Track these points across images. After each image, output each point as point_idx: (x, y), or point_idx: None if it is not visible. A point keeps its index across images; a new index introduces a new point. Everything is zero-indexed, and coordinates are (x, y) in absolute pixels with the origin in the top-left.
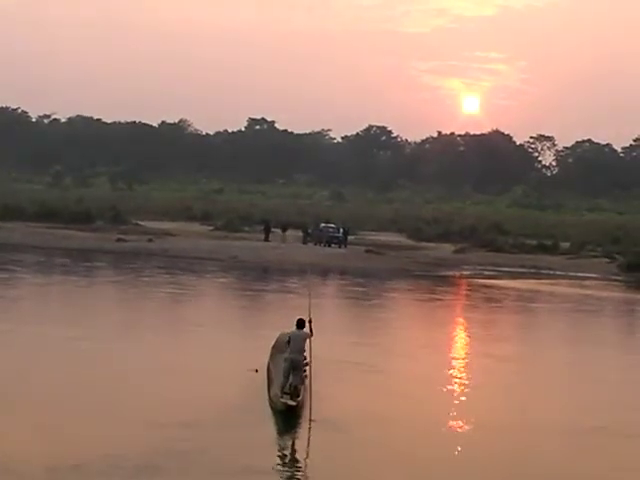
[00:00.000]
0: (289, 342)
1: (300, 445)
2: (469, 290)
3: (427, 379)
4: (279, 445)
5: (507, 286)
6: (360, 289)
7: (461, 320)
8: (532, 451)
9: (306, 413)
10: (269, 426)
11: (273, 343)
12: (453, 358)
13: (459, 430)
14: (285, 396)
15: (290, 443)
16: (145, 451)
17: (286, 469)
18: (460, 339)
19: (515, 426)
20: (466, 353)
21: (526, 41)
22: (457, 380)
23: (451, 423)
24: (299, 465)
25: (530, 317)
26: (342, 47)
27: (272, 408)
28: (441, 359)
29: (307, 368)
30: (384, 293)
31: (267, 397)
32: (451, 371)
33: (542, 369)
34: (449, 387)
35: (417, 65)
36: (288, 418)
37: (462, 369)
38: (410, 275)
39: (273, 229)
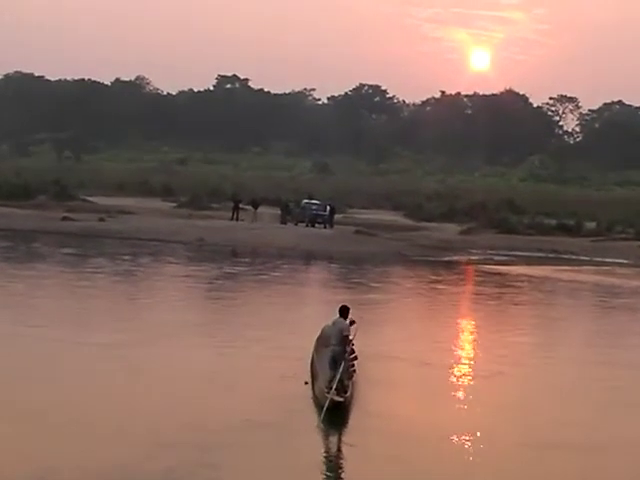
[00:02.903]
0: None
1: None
2: (477, 279)
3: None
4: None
5: (522, 273)
6: (348, 278)
7: (469, 322)
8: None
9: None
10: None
11: (318, 335)
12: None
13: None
14: (331, 392)
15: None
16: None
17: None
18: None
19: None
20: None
21: None
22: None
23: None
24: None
25: (548, 314)
26: None
27: (317, 405)
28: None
29: (355, 362)
30: (374, 284)
31: (311, 393)
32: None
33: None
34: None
35: (416, 12)
36: (334, 415)
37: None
38: (407, 260)
39: (244, 206)
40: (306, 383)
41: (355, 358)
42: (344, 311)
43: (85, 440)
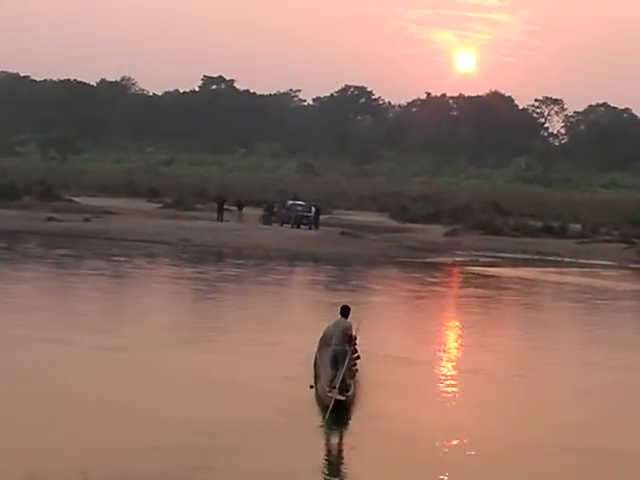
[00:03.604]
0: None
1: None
2: (462, 280)
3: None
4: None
5: (507, 275)
6: (332, 279)
7: (454, 324)
8: None
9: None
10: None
11: (321, 335)
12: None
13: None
14: (333, 390)
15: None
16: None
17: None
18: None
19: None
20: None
21: None
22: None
23: None
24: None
25: (535, 316)
26: None
27: (320, 404)
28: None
29: (357, 362)
30: (360, 285)
31: (314, 393)
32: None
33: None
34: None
35: (402, 14)
36: (336, 415)
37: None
38: (393, 262)
39: (229, 207)
40: (311, 387)
41: (357, 357)
42: (345, 311)
43: (79, 442)
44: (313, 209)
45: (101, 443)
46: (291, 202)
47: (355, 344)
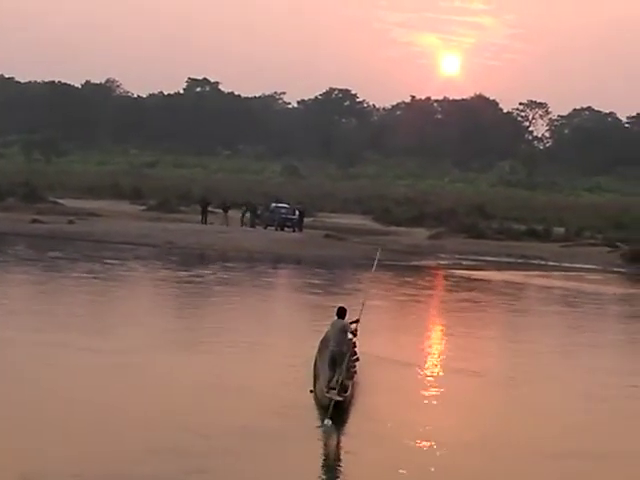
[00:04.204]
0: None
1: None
2: (446, 283)
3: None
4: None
5: (491, 279)
6: (316, 282)
7: (440, 327)
8: None
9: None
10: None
11: (321, 338)
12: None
13: None
14: (331, 391)
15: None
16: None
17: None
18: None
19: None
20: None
21: None
22: None
23: None
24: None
25: (521, 319)
26: None
27: (318, 405)
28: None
29: (356, 364)
30: (349, 288)
31: (313, 395)
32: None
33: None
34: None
35: (386, 17)
36: (334, 415)
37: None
38: (377, 265)
39: (214, 209)
40: (311, 391)
41: (357, 360)
42: (341, 312)
43: (75, 444)
44: (297, 212)
45: (96, 445)
46: (275, 205)
47: (355, 346)
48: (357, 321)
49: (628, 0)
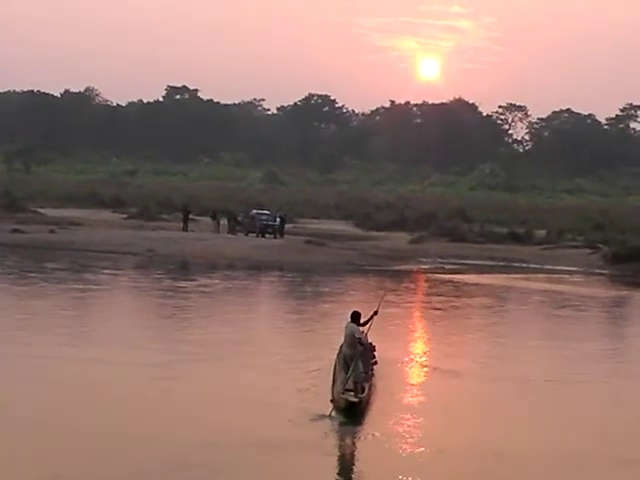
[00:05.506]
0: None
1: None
2: (428, 287)
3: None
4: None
5: (472, 282)
6: (297, 289)
7: (424, 331)
8: None
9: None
10: None
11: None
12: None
13: None
14: (347, 392)
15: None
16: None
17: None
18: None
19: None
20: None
21: None
22: None
23: None
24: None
25: (500, 322)
26: (274, 2)
27: (335, 407)
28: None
29: (375, 367)
30: (322, 294)
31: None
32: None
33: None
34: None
35: (363, 22)
36: (348, 416)
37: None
38: (358, 270)
39: (202, 217)
40: (331, 401)
41: (375, 363)
42: (356, 316)
43: (84, 461)
44: (277, 218)
45: (109, 460)
46: (255, 211)
47: (374, 349)
48: (376, 313)
49: (606, 3)
